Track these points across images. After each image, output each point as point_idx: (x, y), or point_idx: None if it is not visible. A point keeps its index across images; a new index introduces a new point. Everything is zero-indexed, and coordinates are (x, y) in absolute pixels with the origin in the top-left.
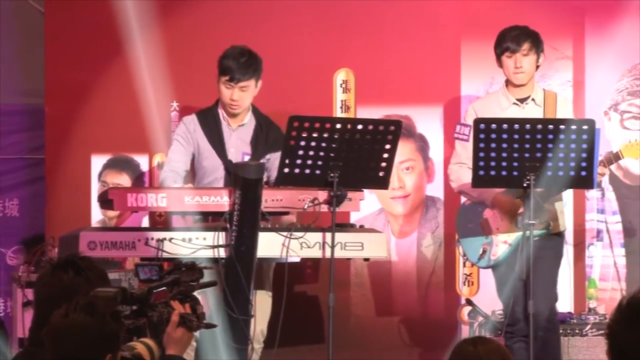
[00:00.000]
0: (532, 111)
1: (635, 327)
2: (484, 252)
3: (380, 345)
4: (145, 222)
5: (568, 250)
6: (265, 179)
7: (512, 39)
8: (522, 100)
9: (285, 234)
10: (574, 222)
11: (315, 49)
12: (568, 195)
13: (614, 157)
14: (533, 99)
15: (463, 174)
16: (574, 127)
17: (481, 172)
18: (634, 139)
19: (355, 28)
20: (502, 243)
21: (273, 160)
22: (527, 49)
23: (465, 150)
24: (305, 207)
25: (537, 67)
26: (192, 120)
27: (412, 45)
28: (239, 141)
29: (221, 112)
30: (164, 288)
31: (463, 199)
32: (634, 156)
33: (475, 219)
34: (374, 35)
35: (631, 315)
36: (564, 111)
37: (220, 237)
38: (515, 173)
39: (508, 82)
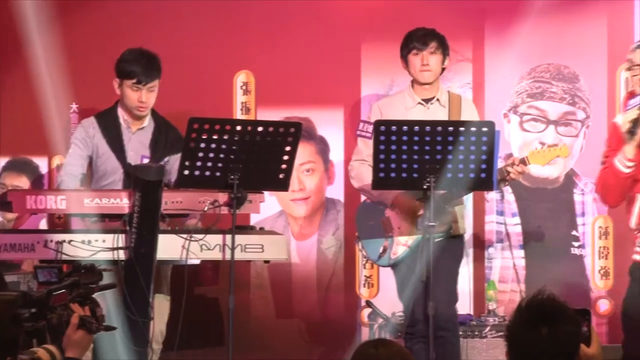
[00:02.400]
0: (437, 111)
1: (534, 329)
2: (385, 250)
3: (281, 346)
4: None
5: (468, 252)
6: (165, 182)
7: (419, 38)
8: (427, 101)
9: (185, 236)
10: (474, 224)
11: (216, 51)
12: (468, 197)
13: (520, 163)
14: (438, 99)
15: (363, 172)
16: (473, 129)
17: (381, 174)
18: (540, 146)
19: (256, 30)
20: (402, 245)
21: (172, 162)
22: (434, 48)
23: (367, 147)
24: (206, 209)
25: (443, 69)
26: (91, 123)
27: (313, 47)
28: (138, 144)
29: (121, 115)
30: (64, 290)
31: (363, 198)
32: (540, 163)
33: (377, 217)
34: (275, 37)
35: (530, 317)
36: (469, 113)
37: (120, 240)
38: (415, 175)
39: (414, 83)
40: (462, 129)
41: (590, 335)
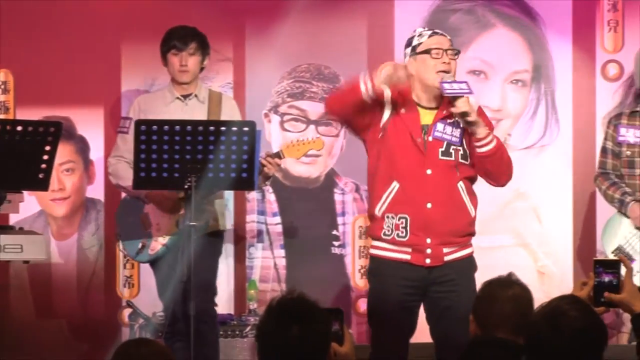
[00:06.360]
0: (195, 107)
1: (285, 328)
2: (143, 246)
3: (42, 347)
4: None
5: (229, 251)
6: None
7: (179, 38)
8: (185, 97)
9: None
10: (235, 223)
11: None
12: (229, 195)
13: (275, 157)
14: (196, 95)
15: (120, 168)
16: (235, 128)
17: (142, 174)
18: (295, 140)
19: (14, 28)
20: (160, 242)
21: None
22: (194, 49)
23: (124, 144)
24: None
25: (202, 68)
26: None
27: (73, 46)
28: None
29: None
30: None
31: (123, 195)
32: (295, 156)
33: (136, 213)
34: (33, 36)
35: (280, 316)
36: (230, 110)
37: None
38: (176, 174)
39: (173, 80)
40: (223, 128)
41: (343, 334)
